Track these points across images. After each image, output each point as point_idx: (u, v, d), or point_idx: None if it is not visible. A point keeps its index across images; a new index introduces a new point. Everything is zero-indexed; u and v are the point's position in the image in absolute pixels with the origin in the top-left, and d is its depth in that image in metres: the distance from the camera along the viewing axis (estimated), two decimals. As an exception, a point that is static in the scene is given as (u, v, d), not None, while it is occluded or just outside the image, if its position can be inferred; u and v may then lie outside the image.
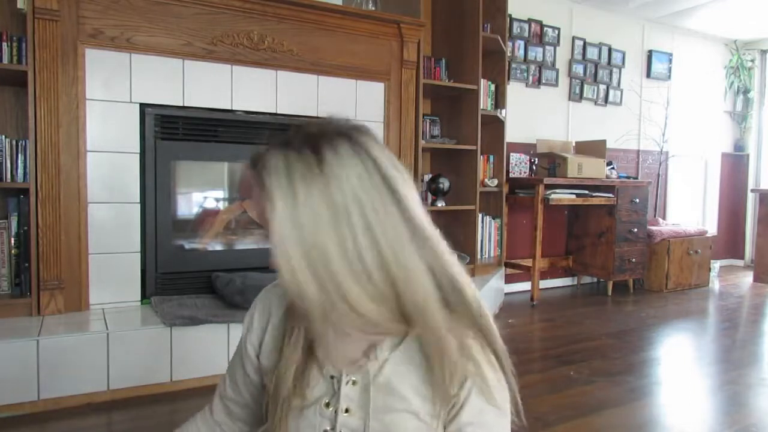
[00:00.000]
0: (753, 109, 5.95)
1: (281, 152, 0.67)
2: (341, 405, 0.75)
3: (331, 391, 0.76)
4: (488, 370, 0.72)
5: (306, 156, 0.65)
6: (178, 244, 2.84)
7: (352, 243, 0.64)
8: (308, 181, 0.64)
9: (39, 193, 2.40)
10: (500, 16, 3.92)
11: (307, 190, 0.64)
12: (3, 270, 2.49)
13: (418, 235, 0.68)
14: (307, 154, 0.65)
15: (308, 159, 0.65)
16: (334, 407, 0.75)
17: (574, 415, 2.15)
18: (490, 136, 3.99)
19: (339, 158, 0.65)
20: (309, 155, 0.65)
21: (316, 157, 0.65)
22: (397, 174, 0.68)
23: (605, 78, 4.97)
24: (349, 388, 0.75)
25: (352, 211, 0.64)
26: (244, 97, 2.87)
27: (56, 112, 2.41)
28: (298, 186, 0.64)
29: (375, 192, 0.65)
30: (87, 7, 2.47)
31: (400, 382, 0.73)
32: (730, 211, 6.06)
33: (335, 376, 0.76)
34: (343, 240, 0.64)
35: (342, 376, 0.76)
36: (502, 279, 4.14)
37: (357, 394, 0.75)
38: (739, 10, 4.88)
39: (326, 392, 0.77)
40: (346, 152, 0.66)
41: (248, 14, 2.83)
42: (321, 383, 0.77)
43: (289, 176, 0.65)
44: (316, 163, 0.65)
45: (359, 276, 0.65)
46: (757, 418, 2.19)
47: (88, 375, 2.17)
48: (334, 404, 0.76)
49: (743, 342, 3.25)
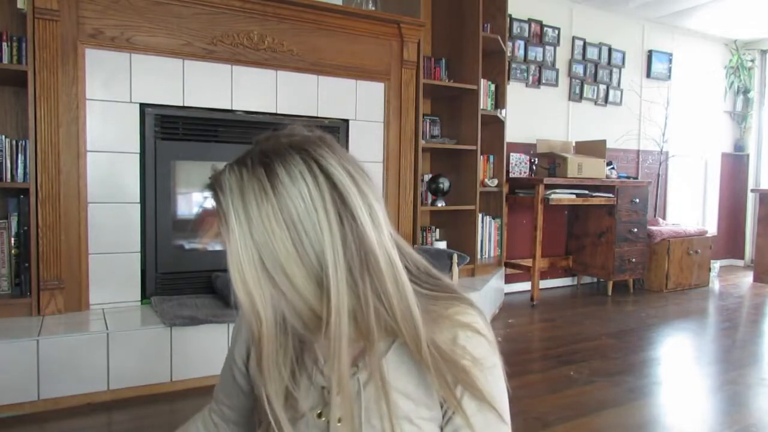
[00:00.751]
0: (753, 109, 5.96)
1: (236, 171, 0.66)
2: (333, 415, 0.74)
3: (323, 401, 0.75)
4: (478, 372, 0.71)
5: (259, 175, 0.65)
6: (178, 244, 2.84)
7: (309, 262, 0.64)
8: (260, 200, 0.64)
9: (39, 193, 2.40)
10: (500, 16, 3.92)
11: (260, 210, 0.63)
12: (3, 270, 2.49)
13: (367, 259, 0.66)
14: (260, 172, 0.65)
15: (261, 178, 0.64)
16: (327, 417, 0.74)
17: (574, 415, 2.15)
18: (490, 136, 3.99)
19: (290, 176, 0.64)
20: (261, 174, 0.65)
21: (268, 176, 0.64)
22: (352, 186, 0.66)
23: (605, 78, 4.97)
24: (348, 379, 0.74)
25: (305, 229, 0.64)
26: (244, 97, 2.87)
27: (56, 112, 2.41)
28: (251, 206, 0.64)
29: (323, 212, 0.64)
30: (87, 7, 2.47)
31: (391, 388, 0.72)
32: (730, 211, 6.07)
33: (326, 387, 0.75)
34: (300, 257, 0.64)
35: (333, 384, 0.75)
36: (502, 279, 4.14)
37: (346, 402, 0.73)
38: (739, 10, 4.88)
39: (318, 403, 0.76)
40: (299, 169, 0.65)
41: (248, 14, 2.83)
42: (312, 394, 0.76)
43: (243, 196, 0.64)
44: (268, 182, 0.64)
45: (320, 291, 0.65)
46: (757, 418, 2.19)
47: (88, 375, 2.17)
48: (326, 414, 0.75)
49: (743, 342, 3.25)
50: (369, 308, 0.66)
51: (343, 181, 0.65)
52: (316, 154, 0.66)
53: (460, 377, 0.70)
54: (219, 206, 0.66)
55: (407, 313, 0.68)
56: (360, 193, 0.66)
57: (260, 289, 0.65)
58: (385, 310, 0.67)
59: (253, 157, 0.67)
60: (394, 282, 0.67)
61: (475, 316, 0.74)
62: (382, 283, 0.66)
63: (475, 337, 0.72)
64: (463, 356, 0.71)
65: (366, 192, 0.67)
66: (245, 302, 0.66)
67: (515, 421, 0.78)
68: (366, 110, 3.24)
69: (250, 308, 0.66)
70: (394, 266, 0.68)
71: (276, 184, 0.64)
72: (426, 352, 0.68)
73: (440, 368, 0.69)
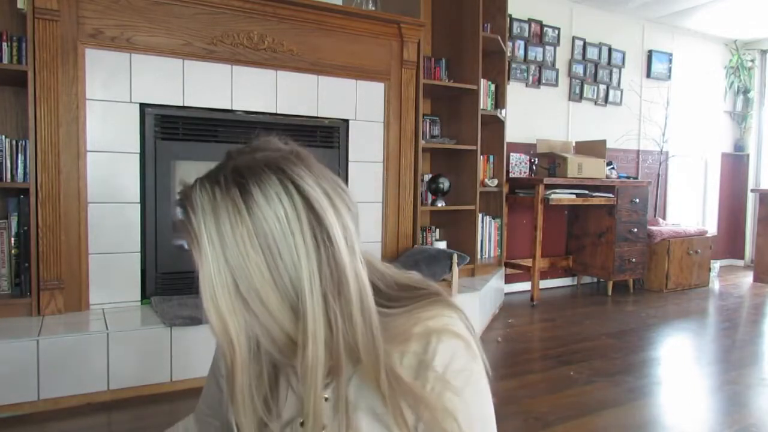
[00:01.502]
0: (753, 109, 5.96)
1: (208, 190, 0.63)
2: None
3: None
4: (449, 396, 0.68)
5: (233, 194, 0.62)
6: (178, 244, 2.84)
7: (284, 286, 0.62)
8: (234, 222, 0.61)
9: (39, 193, 2.40)
10: (500, 16, 3.92)
11: (234, 232, 0.61)
12: (3, 270, 2.49)
13: (340, 284, 0.64)
14: (234, 192, 0.62)
15: (235, 198, 0.62)
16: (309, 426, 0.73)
17: (574, 415, 2.15)
18: (490, 136, 3.99)
19: (266, 197, 0.61)
20: (236, 194, 0.62)
21: (243, 197, 0.62)
22: (328, 205, 0.64)
23: (605, 78, 4.97)
24: (323, 405, 0.72)
25: (281, 253, 0.62)
26: (244, 97, 2.87)
27: (56, 112, 2.41)
28: (225, 227, 0.61)
29: (300, 235, 0.62)
30: (87, 7, 2.47)
31: (355, 411, 0.70)
32: (730, 211, 6.07)
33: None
34: (275, 282, 0.62)
35: None
36: (502, 279, 4.14)
37: (330, 410, 0.71)
38: (739, 10, 4.88)
39: (300, 411, 0.73)
40: (275, 189, 0.62)
41: (248, 14, 2.83)
42: (293, 402, 0.74)
43: (216, 217, 0.62)
44: (243, 203, 0.61)
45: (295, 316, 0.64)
46: (757, 418, 2.19)
47: (88, 375, 2.17)
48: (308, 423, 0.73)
49: (743, 342, 3.25)
50: (339, 334, 0.64)
51: (320, 202, 0.63)
52: (292, 173, 0.63)
53: (420, 410, 0.67)
54: (190, 225, 0.63)
55: (369, 342, 0.66)
56: (336, 214, 0.64)
57: (234, 314, 0.63)
58: (350, 337, 0.65)
59: (226, 174, 0.63)
60: (360, 309, 0.65)
61: (452, 318, 0.71)
62: (350, 309, 0.64)
63: (448, 342, 0.69)
64: (427, 376, 0.68)
65: (342, 212, 0.65)
66: (218, 328, 0.63)
67: (515, 420, 0.78)
68: (366, 110, 3.24)
69: (222, 334, 0.64)
70: (362, 291, 0.66)
71: (251, 206, 0.61)
72: (384, 383, 0.66)
73: (396, 401, 0.66)
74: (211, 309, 0.63)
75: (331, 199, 0.64)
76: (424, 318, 0.70)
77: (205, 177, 0.65)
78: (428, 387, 0.67)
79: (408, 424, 0.67)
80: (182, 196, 0.65)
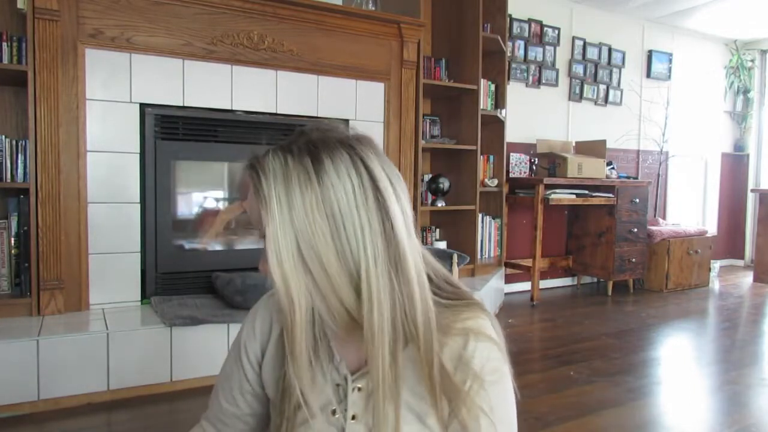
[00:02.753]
0: (753, 109, 5.96)
1: (281, 157, 0.67)
2: (348, 412, 0.75)
3: (338, 398, 0.76)
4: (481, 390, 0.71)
5: (305, 163, 0.65)
6: (178, 244, 2.84)
7: (345, 256, 0.65)
8: (304, 188, 0.64)
9: (39, 193, 2.40)
10: (500, 16, 3.92)
11: (303, 198, 0.64)
12: (3, 270, 2.49)
13: (400, 263, 0.67)
14: (306, 161, 0.65)
15: (307, 166, 0.65)
16: (341, 414, 0.75)
17: (574, 415, 2.15)
18: (490, 136, 3.99)
19: (337, 169, 0.65)
20: (308, 162, 0.65)
21: (314, 166, 0.65)
22: (391, 189, 0.67)
23: (605, 78, 4.97)
24: (356, 395, 0.75)
25: (345, 223, 0.65)
26: (244, 97, 2.87)
27: (56, 112, 2.41)
28: (295, 192, 0.64)
29: (364, 210, 0.65)
30: (87, 7, 2.47)
31: (402, 386, 0.72)
32: (730, 211, 6.07)
33: (340, 384, 0.76)
34: (337, 248, 0.65)
35: (348, 383, 0.75)
36: (502, 279, 4.14)
37: (362, 400, 0.75)
38: (739, 10, 4.88)
39: (332, 400, 0.76)
40: (345, 164, 0.66)
41: (248, 14, 2.83)
42: (326, 391, 0.76)
43: (287, 182, 0.65)
44: (314, 172, 0.65)
45: (352, 286, 0.66)
46: (757, 418, 2.19)
47: (88, 375, 2.17)
48: (341, 411, 0.75)
49: (743, 342, 3.25)
50: (397, 312, 0.67)
51: (384, 184, 0.67)
52: (362, 153, 0.67)
53: (458, 404, 0.69)
54: (259, 190, 0.66)
55: (427, 323, 0.68)
56: (397, 198, 0.68)
57: (296, 276, 0.65)
58: (410, 314, 0.68)
59: (299, 145, 0.67)
60: (420, 290, 0.68)
61: (486, 321, 0.74)
62: (411, 290, 0.67)
63: (485, 343, 0.72)
64: (467, 372, 0.71)
65: (401, 197, 0.69)
66: (281, 288, 0.66)
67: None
68: (366, 110, 3.24)
69: (284, 294, 0.66)
70: (420, 275, 0.69)
71: (322, 175, 0.65)
72: (437, 368, 0.68)
73: (439, 390, 0.69)
74: (276, 269, 0.65)
75: (393, 185, 0.68)
76: (463, 317, 0.73)
77: (278, 147, 0.69)
78: (467, 384, 0.71)
79: (444, 417, 0.70)
80: (254, 161, 0.68)
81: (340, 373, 0.76)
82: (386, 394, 0.68)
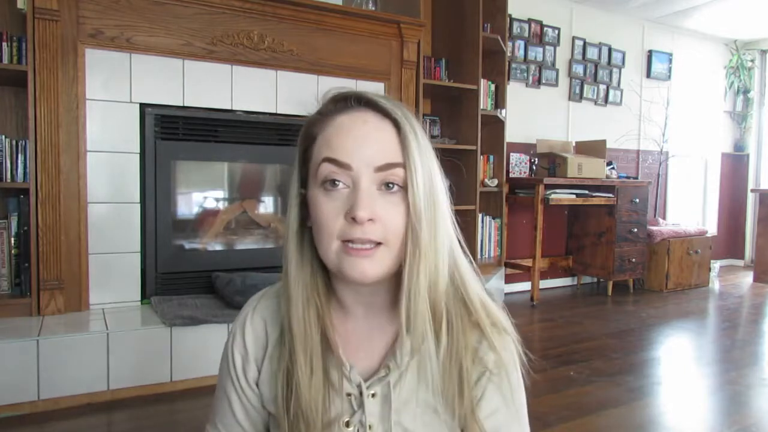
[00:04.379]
0: (753, 109, 5.95)
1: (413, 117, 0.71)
2: (366, 421, 0.71)
3: (350, 409, 0.73)
4: (511, 370, 0.74)
5: (421, 127, 0.72)
6: (178, 244, 2.84)
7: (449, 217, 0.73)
8: (426, 144, 0.71)
9: (39, 193, 2.40)
10: (500, 16, 3.92)
11: (431, 153, 0.72)
12: (3, 270, 2.49)
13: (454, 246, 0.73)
14: (421, 128, 0.71)
15: (422, 129, 0.71)
16: (355, 426, 0.72)
17: (574, 415, 2.15)
18: (490, 136, 3.99)
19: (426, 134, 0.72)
20: (420, 127, 0.71)
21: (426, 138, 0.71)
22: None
23: (605, 78, 4.97)
24: (370, 402, 0.72)
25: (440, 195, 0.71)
26: (244, 97, 2.87)
27: (56, 112, 2.41)
28: (427, 146, 0.71)
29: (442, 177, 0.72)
30: (87, 7, 2.47)
31: (419, 386, 0.71)
32: (730, 211, 6.07)
33: (352, 393, 0.73)
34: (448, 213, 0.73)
35: (363, 389, 0.72)
36: (502, 279, 4.14)
37: (377, 407, 0.72)
38: (739, 10, 4.88)
39: (344, 411, 0.72)
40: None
41: (248, 14, 2.83)
42: (336, 402, 0.73)
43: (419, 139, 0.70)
44: (426, 135, 0.71)
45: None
46: (757, 418, 2.19)
47: (88, 375, 2.17)
48: (354, 423, 0.72)
49: (743, 342, 3.25)
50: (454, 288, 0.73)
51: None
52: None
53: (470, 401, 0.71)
54: (411, 140, 0.68)
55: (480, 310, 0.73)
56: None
57: (439, 241, 0.69)
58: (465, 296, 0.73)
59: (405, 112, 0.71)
60: (470, 276, 0.75)
61: (502, 313, 0.77)
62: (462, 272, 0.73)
63: (501, 341, 0.73)
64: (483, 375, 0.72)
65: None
66: (425, 235, 0.67)
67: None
68: (366, 110, 3.24)
69: (430, 240, 0.68)
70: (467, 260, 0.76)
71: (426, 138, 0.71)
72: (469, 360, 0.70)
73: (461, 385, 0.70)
74: (428, 232, 0.67)
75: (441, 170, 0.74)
76: (483, 317, 0.73)
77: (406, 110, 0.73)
78: (481, 381, 0.72)
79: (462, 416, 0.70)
80: (401, 118, 0.69)
81: (353, 382, 0.72)
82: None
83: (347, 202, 0.66)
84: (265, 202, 3.23)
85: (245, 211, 3.07)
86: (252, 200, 3.13)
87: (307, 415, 0.70)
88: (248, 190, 3.14)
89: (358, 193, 0.65)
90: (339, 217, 0.66)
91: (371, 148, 0.66)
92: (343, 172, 0.66)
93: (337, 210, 0.66)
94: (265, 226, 3.12)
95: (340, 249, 0.67)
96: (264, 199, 3.22)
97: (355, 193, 0.65)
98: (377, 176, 0.66)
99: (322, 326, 0.72)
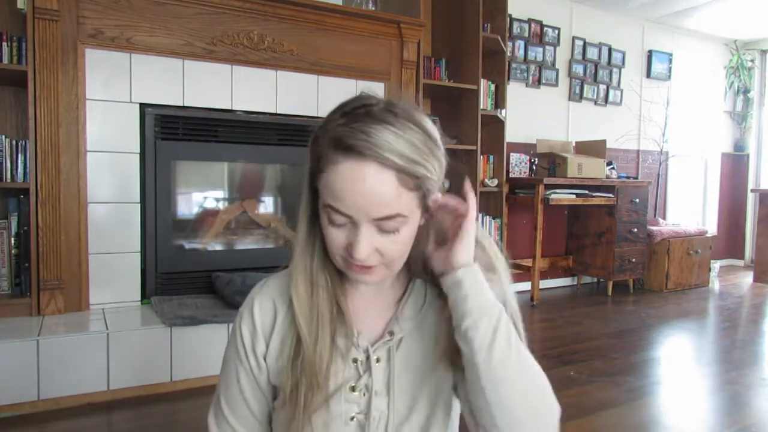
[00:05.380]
0: (753, 109, 5.95)
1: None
2: (373, 386, 0.76)
3: (356, 374, 0.76)
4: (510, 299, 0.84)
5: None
6: (178, 244, 2.84)
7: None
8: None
9: (39, 193, 2.40)
10: (500, 16, 3.92)
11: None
12: (3, 270, 2.49)
13: None
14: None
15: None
16: (361, 390, 0.76)
17: (574, 415, 2.15)
18: (490, 136, 3.99)
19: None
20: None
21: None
22: None
23: (605, 78, 4.97)
24: (376, 366, 0.76)
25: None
26: (244, 97, 2.87)
27: (56, 112, 2.41)
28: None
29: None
30: (87, 7, 2.47)
31: (420, 349, 0.77)
32: (730, 211, 6.06)
33: (358, 359, 0.77)
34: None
35: (370, 354, 0.76)
36: (502, 279, 4.13)
37: (381, 371, 0.76)
38: (739, 10, 4.88)
39: (349, 377, 0.76)
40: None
41: (248, 14, 2.83)
42: (341, 369, 0.76)
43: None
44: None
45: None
46: (757, 418, 2.19)
47: (88, 375, 2.17)
48: (360, 387, 0.76)
49: (743, 342, 3.25)
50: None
51: None
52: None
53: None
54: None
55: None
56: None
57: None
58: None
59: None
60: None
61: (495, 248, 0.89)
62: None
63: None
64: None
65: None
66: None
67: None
68: (366, 110, 3.23)
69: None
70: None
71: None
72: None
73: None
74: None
75: None
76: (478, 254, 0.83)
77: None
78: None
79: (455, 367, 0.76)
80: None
81: (359, 348, 0.77)
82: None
83: (349, 236, 0.70)
84: (265, 202, 3.24)
85: (245, 211, 3.08)
86: (252, 200, 3.13)
87: (312, 381, 0.73)
88: (248, 190, 3.14)
89: (358, 237, 0.68)
90: (342, 241, 0.71)
91: (369, 202, 0.67)
92: (344, 217, 0.69)
93: (340, 238, 0.71)
94: (265, 226, 3.13)
95: (344, 261, 0.73)
96: (264, 199, 3.22)
97: (355, 235, 0.69)
98: (377, 222, 0.69)
99: (334, 295, 0.77)
